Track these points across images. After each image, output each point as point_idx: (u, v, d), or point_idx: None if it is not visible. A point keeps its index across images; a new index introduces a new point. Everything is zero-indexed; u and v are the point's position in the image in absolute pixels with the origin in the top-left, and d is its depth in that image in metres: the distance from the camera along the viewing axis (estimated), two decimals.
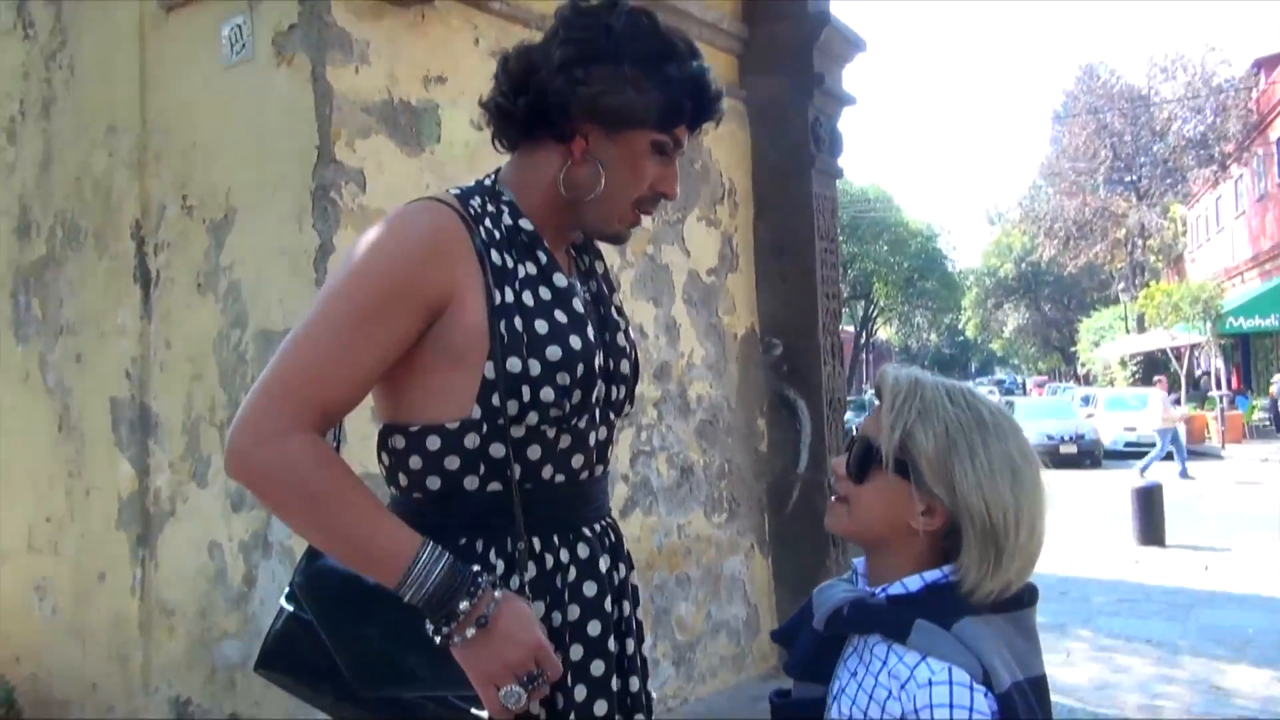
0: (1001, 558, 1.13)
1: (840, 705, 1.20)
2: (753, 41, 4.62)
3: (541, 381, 1.21)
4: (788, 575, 4.61)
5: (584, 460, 1.30)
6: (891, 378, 1.22)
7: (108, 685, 3.54)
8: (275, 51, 3.06)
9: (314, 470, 1.14)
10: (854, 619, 1.19)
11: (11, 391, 3.96)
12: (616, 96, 1.25)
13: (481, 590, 1.14)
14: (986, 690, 1.07)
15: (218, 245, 3.23)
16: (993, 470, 1.14)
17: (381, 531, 1.15)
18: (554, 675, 1.18)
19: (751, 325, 4.67)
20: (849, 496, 1.23)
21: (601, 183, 1.29)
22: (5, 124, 4.01)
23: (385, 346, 1.18)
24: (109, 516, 3.54)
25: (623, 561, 1.39)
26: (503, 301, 1.21)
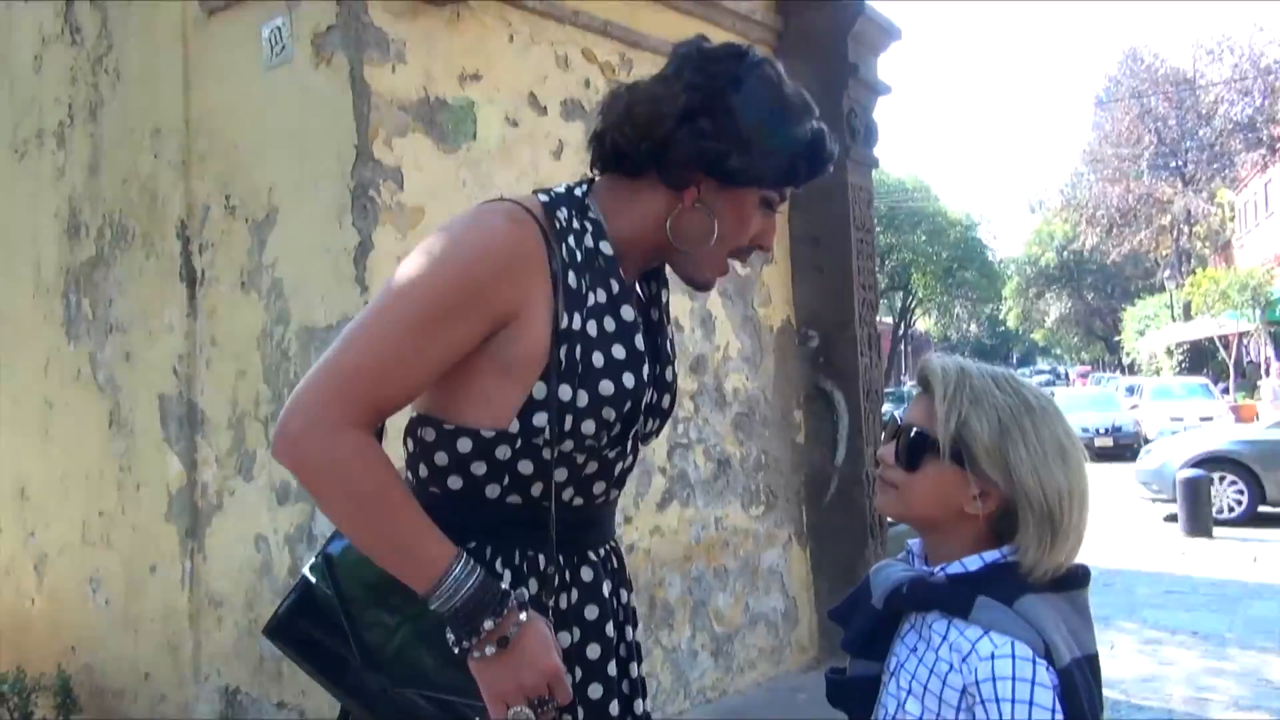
0: (1057, 536, 1.17)
1: (899, 679, 1.23)
2: (786, 32, 4.60)
3: (587, 414, 1.21)
4: (826, 567, 4.61)
5: (605, 486, 1.30)
6: (939, 367, 1.24)
7: (159, 674, 3.64)
8: (314, 52, 3.11)
9: (363, 469, 1.14)
10: (914, 597, 1.22)
11: (64, 389, 4.07)
12: (739, 157, 1.23)
13: (507, 610, 1.14)
14: (1048, 664, 1.10)
15: (260, 244, 3.29)
16: (1045, 453, 1.18)
17: (419, 540, 1.15)
18: (563, 702, 1.18)
19: (787, 317, 4.66)
20: (900, 484, 1.26)
21: (715, 234, 1.28)
22: (55, 128, 4.12)
23: (447, 350, 1.17)
24: (159, 510, 3.63)
25: (624, 586, 1.37)
26: (568, 326, 1.20)
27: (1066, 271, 41.31)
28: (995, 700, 1.09)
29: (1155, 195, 30.27)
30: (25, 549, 4.29)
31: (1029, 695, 1.08)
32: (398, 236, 3.04)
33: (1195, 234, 31.65)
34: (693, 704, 3.98)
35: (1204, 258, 32.97)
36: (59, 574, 4.12)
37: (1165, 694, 4.29)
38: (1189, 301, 25.08)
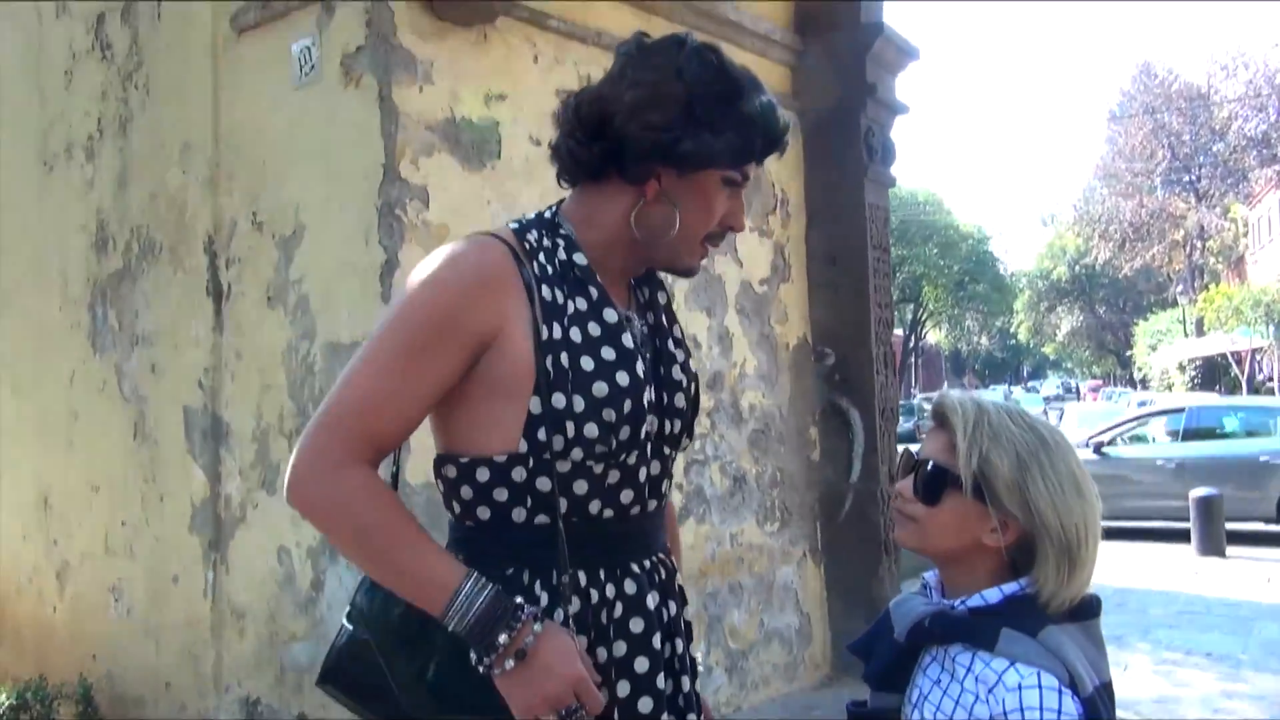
0: (1075, 567, 1.20)
1: (922, 711, 1.25)
2: (805, 52, 4.64)
3: (586, 417, 1.22)
4: (840, 584, 4.62)
5: (634, 496, 1.30)
6: (957, 405, 1.27)
7: (180, 684, 3.67)
8: (343, 72, 3.16)
9: (365, 503, 1.18)
10: (937, 630, 1.25)
11: (89, 400, 4.12)
12: (691, 141, 1.25)
13: (521, 623, 1.15)
14: (1074, 694, 1.13)
15: (287, 260, 3.34)
16: (1062, 487, 1.21)
17: (427, 563, 1.18)
18: (594, 709, 1.18)
19: (804, 335, 4.69)
20: (920, 517, 1.29)
21: (676, 223, 1.30)
22: (84, 142, 4.19)
23: (434, 380, 1.21)
24: (182, 521, 3.67)
25: (674, 599, 1.37)
26: (550, 337, 1.23)
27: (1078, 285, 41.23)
28: None
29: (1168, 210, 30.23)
30: (48, 558, 4.34)
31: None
32: (423, 254, 3.06)
33: (1208, 249, 31.57)
34: None
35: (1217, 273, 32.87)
36: (81, 583, 4.16)
37: (1180, 716, 4.28)
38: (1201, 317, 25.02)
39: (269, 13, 3.37)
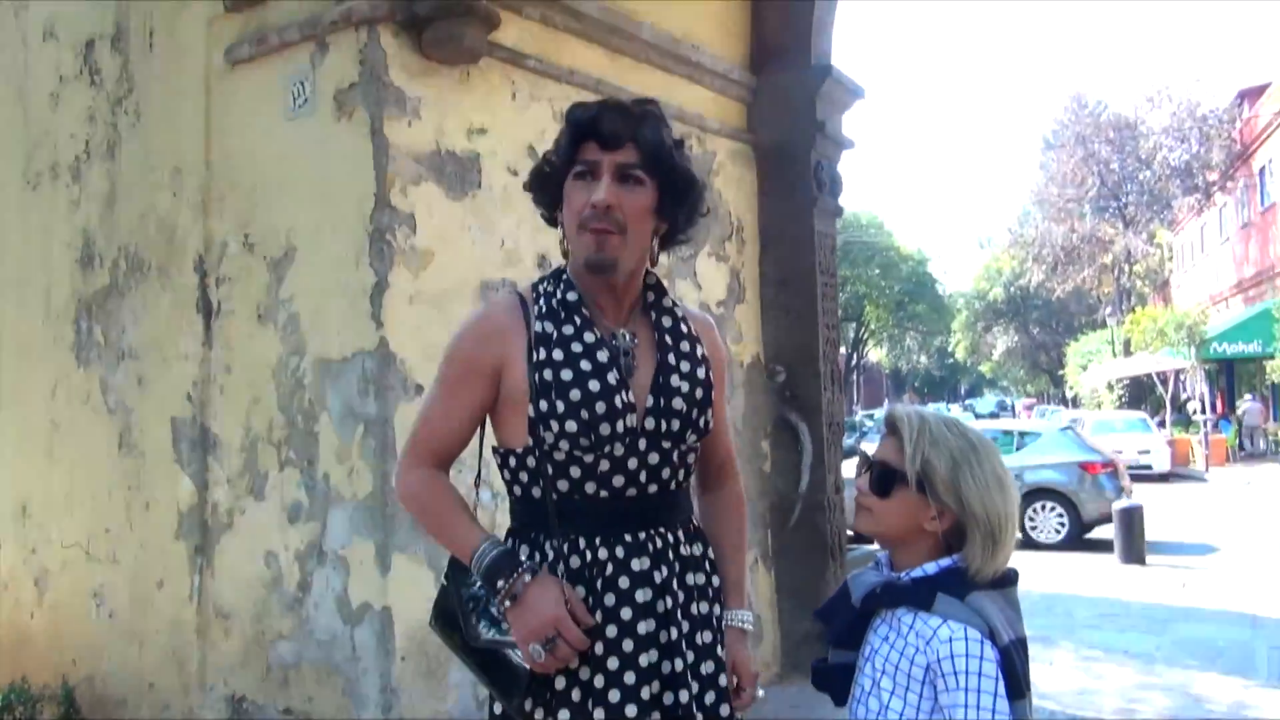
0: (997, 547, 1.51)
1: (874, 663, 1.55)
2: (760, 90, 4.98)
3: (566, 416, 1.56)
4: (789, 587, 4.92)
5: (625, 480, 1.60)
6: (904, 415, 1.58)
7: (164, 684, 3.82)
8: (336, 105, 3.39)
9: (423, 492, 1.68)
10: (886, 596, 1.56)
11: (72, 412, 4.26)
12: (547, 164, 1.68)
13: (517, 573, 1.54)
14: (993, 644, 1.43)
15: (278, 280, 3.54)
16: (988, 484, 1.52)
17: (461, 531, 1.63)
18: (574, 642, 1.51)
19: (757, 354, 5.00)
20: (873, 508, 1.59)
21: (562, 232, 1.67)
22: (70, 162, 4.34)
23: (468, 404, 1.65)
24: (168, 528, 3.84)
25: (691, 569, 1.65)
26: (538, 359, 1.59)
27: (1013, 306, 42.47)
28: (954, 673, 1.42)
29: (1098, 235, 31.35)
30: (25, 565, 4.44)
31: (979, 668, 1.41)
32: (410, 277, 3.32)
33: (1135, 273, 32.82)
34: None
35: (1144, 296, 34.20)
36: (61, 589, 4.28)
37: (1098, 706, 4.65)
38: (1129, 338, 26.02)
39: (264, 48, 3.58)
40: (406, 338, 3.26)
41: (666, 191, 1.64)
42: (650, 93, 4.36)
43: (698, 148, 4.68)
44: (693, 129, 4.64)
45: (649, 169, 1.60)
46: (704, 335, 1.77)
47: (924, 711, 1.47)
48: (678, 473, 1.67)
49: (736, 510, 1.88)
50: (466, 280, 3.49)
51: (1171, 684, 5.04)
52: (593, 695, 1.55)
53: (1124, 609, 7.01)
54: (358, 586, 3.25)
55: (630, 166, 1.59)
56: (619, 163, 1.59)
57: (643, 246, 1.65)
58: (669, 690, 1.58)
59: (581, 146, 1.61)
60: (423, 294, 3.33)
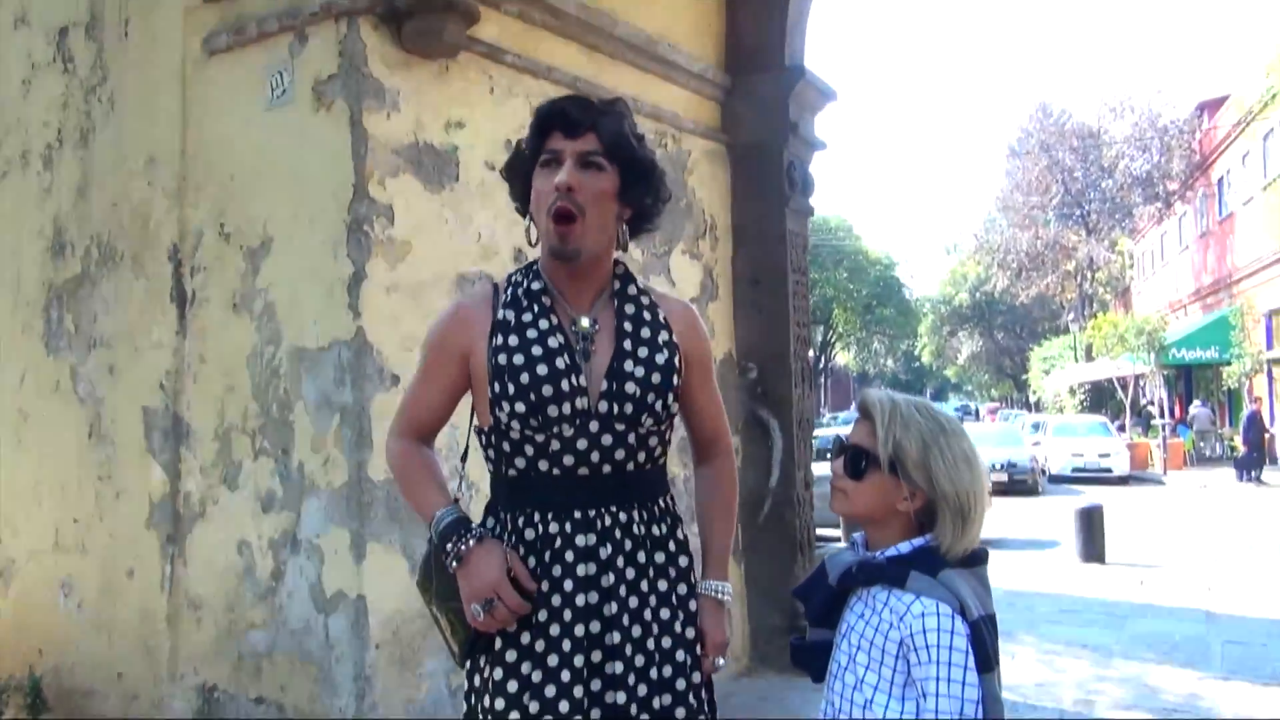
0: (967, 525, 1.57)
1: (849, 639, 1.61)
2: (735, 91, 5.04)
3: (517, 398, 1.66)
4: (759, 581, 4.98)
5: (575, 460, 1.68)
6: (876, 400, 1.63)
7: (133, 674, 3.81)
8: (315, 97, 3.40)
9: (399, 460, 1.84)
10: (862, 575, 1.61)
11: (41, 399, 4.22)
12: (511, 158, 1.80)
13: (463, 538, 1.66)
14: (963, 618, 1.49)
15: (254, 269, 3.55)
16: (957, 464, 1.58)
17: (428, 499, 1.77)
18: (512, 605, 1.61)
19: (729, 350, 5.06)
20: (847, 490, 1.65)
21: (529, 221, 1.76)
22: (41, 150, 4.30)
23: (442, 386, 1.79)
24: (138, 517, 3.82)
25: (626, 548, 1.69)
26: (495, 344, 1.71)
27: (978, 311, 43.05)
28: (926, 647, 1.47)
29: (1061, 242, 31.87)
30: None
31: (950, 642, 1.47)
32: (388, 268, 3.34)
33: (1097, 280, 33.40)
34: None
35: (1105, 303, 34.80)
36: (28, 579, 4.24)
37: (1057, 697, 4.77)
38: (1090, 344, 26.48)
39: (242, 38, 3.59)
40: (383, 328, 3.28)
41: (628, 178, 1.73)
42: (626, 91, 4.43)
43: (672, 146, 4.74)
44: (668, 128, 4.70)
45: (610, 156, 1.70)
46: (679, 322, 1.82)
47: (897, 685, 1.52)
48: (635, 455, 1.71)
49: (722, 484, 1.94)
50: (443, 272, 3.51)
51: (1128, 676, 5.17)
52: (531, 658, 1.64)
53: (1084, 605, 7.16)
54: (332, 575, 3.26)
55: (591, 154, 1.69)
56: (580, 150, 1.69)
57: (606, 231, 1.73)
58: (611, 660, 1.64)
59: (548, 137, 1.71)
60: (400, 285, 3.35)
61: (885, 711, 1.52)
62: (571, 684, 1.62)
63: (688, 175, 4.84)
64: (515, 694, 1.63)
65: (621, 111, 1.75)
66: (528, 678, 1.63)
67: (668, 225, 4.69)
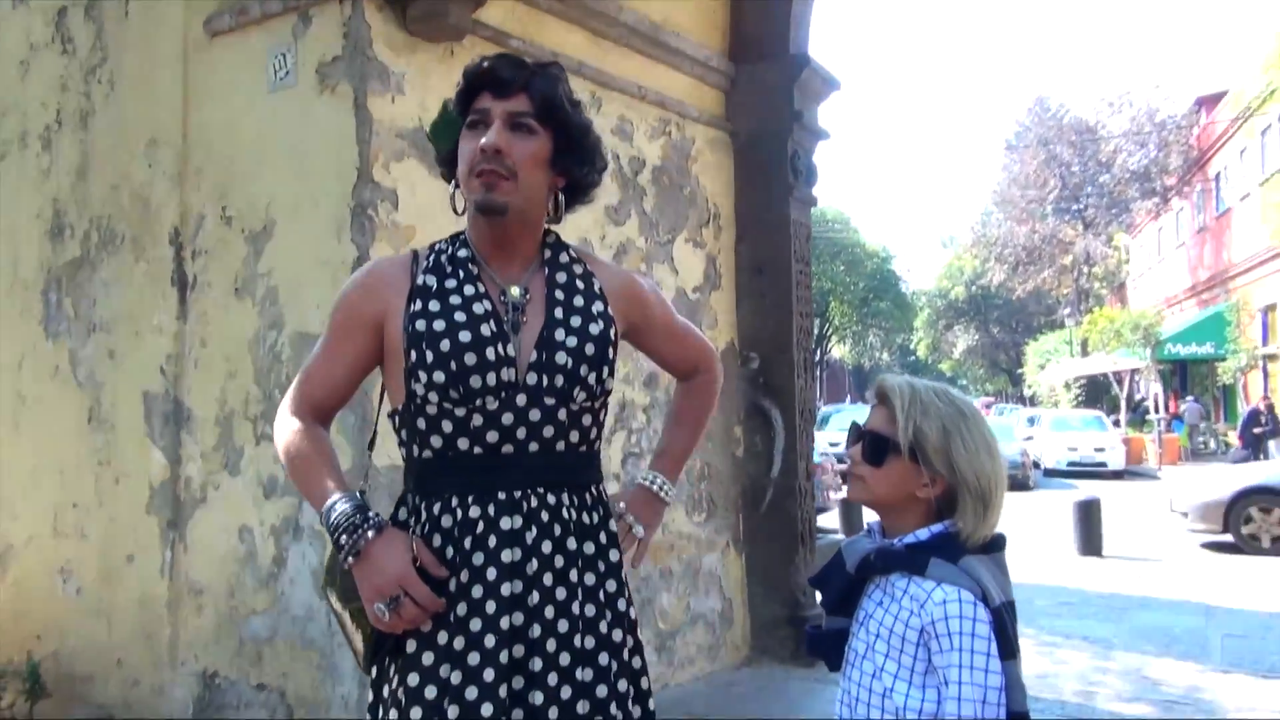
0: (988, 511, 1.54)
1: (868, 628, 1.58)
2: (739, 79, 5.01)
3: (435, 367, 1.50)
4: (760, 571, 4.98)
5: (500, 436, 1.52)
6: (895, 385, 1.61)
7: (133, 660, 3.79)
8: (318, 80, 3.36)
9: (291, 440, 1.60)
10: (880, 562, 1.58)
11: (40, 384, 4.19)
12: (434, 123, 1.72)
13: (360, 529, 1.46)
14: (985, 605, 1.47)
15: (256, 253, 3.51)
16: (978, 449, 1.56)
17: (319, 484, 1.55)
18: (423, 601, 1.45)
19: (731, 340, 5.04)
20: (866, 476, 1.62)
21: (454, 187, 1.63)
22: (40, 131, 4.26)
23: (349, 356, 1.61)
24: (138, 503, 3.79)
25: (555, 534, 1.54)
26: (413, 309, 1.55)
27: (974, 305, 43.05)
28: (948, 634, 1.45)
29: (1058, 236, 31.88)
30: None
31: (972, 629, 1.45)
32: (391, 252, 3.31)
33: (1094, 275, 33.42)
34: None
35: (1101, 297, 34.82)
36: (26, 565, 4.22)
37: (1058, 689, 4.76)
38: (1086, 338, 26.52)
39: (244, 19, 3.55)
40: None
41: (561, 143, 1.61)
42: (631, 78, 4.40)
43: (677, 133, 4.71)
44: (672, 115, 4.67)
45: (542, 119, 1.58)
46: (615, 291, 1.70)
47: (918, 673, 1.50)
48: (566, 433, 1.58)
49: (694, 394, 1.87)
50: None
51: (1128, 668, 5.17)
52: (451, 658, 1.47)
53: (1083, 598, 7.17)
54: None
55: (522, 114, 1.57)
56: (510, 110, 1.56)
57: (535, 197, 1.60)
58: (531, 656, 1.49)
59: (476, 97, 1.60)
60: None
61: (905, 700, 1.50)
62: (495, 684, 1.45)
63: (691, 163, 4.81)
64: (434, 700, 1.46)
65: (556, 74, 1.62)
66: (446, 681, 1.46)
67: (671, 213, 4.66)
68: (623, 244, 4.34)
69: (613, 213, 4.30)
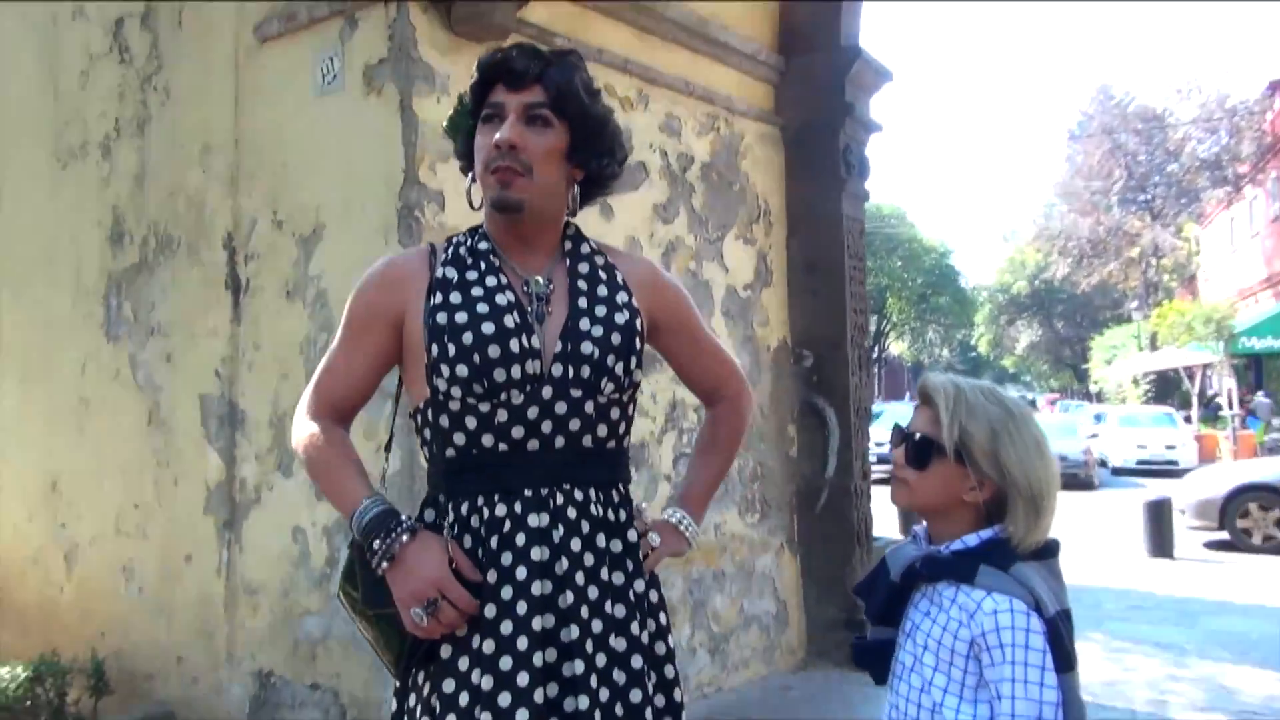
0: (1040, 515, 1.46)
1: (914, 638, 1.51)
2: (788, 72, 4.93)
3: (458, 360, 1.45)
4: (815, 573, 4.89)
5: (525, 432, 1.48)
6: (939, 385, 1.53)
7: (192, 658, 3.85)
8: (365, 82, 3.38)
9: (312, 442, 1.56)
10: (927, 570, 1.50)
11: (102, 387, 4.28)
12: (451, 117, 1.66)
13: (393, 533, 1.43)
14: (1039, 615, 1.39)
15: (306, 257, 3.54)
16: (1029, 450, 1.47)
17: (345, 488, 1.52)
18: (460, 603, 1.41)
19: (784, 337, 4.96)
20: (910, 480, 1.54)
21: (471, 181, 1.60)
22: (100, 140, 4.35)
23: (369, 353, 1.56)
24: (196, 503, 3.85)
25: (583, 531, 1.50)
26: (434, 303, 1.51)
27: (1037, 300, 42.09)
28: (1000, 646, 1.37)
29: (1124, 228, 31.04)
30: (55, 540, 4.48)
31: (1025, 640, 1.37)
32: None
33: (1162, 267, 32.46)
34: (689, 697, 4.23)
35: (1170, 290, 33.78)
36: (90, 563, 4.32)
37: (1128, 697, 4.59)
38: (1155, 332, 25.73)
39: (292, 24, 3.58)
40: None
41: (578, 135, 1.56)
42: (678, 73, 4.35)
43: (725, 129, 4.65)
44: (720, 110, 4.60)
45: (558, 110, 1.53)
46: (640, 282, 1.65)
47: (968, 686, 1.43)
48: (593, 427, 1.53)
49: (718, 424, 1.79)
50: None
51: (1202, 676, 4.97)
52: (481, 663, 1.42)
53: (1153, 601, 6.92)
54: None
55: (537, 106, 1.52)
56: (525, 103, 1.52)
57: (553, 191, 1.56)
58: (569, 660, 1.44)
59: (491, 90, 1.55)
60: None
61: (956, 715, 1.43)
62: (530, 688, 1.40)
63: (740, 159, 4.74)
64: (467, 708, 1.41)
65: (574, 63, 1.57)
66: (478, 687, 1.41)
67: (720, 210, 4.60)
68: (671, 242, 4.30)
69: (661, 210, 4.26)
